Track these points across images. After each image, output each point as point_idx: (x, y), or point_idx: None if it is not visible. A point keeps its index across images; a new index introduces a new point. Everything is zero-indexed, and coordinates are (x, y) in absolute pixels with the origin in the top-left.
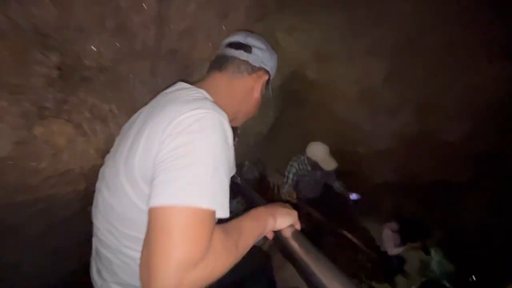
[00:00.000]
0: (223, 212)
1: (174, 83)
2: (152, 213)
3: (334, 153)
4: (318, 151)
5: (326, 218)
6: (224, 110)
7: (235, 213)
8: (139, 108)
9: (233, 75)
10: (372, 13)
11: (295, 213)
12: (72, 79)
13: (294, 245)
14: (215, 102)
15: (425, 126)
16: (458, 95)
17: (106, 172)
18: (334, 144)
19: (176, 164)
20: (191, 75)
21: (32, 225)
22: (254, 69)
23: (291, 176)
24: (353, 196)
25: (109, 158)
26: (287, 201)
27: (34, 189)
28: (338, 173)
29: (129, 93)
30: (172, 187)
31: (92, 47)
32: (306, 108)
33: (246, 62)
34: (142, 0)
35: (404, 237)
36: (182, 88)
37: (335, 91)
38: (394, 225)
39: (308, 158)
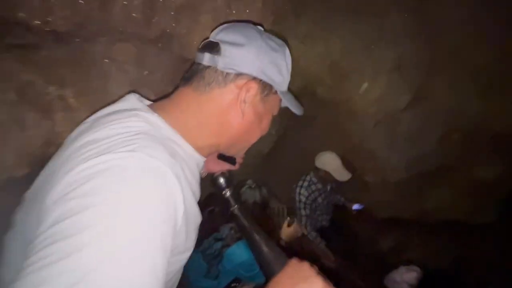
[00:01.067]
0: None
1: (127, 94)
2: None
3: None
4: (330, 160)
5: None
6: (194, 142)
7: (226, 243)
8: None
9: (199, 90)
10: (409, 20)
11: (319, 284)
12: None
13: None
14: (178, 131)
15: (449, 159)
16: (503, 125)
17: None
18: None
19: (50, 250)
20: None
21: None
22: (228, 78)
23: (303, 206)
24: (356, 207)
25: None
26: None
27: None
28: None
29: (100, 81)
30: None
31: None
32: (314, 128)
33: (214, 69)
34: None
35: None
36: (122, 111)
37: (350, 111)
38: (413, 277)
39: (318, 170)
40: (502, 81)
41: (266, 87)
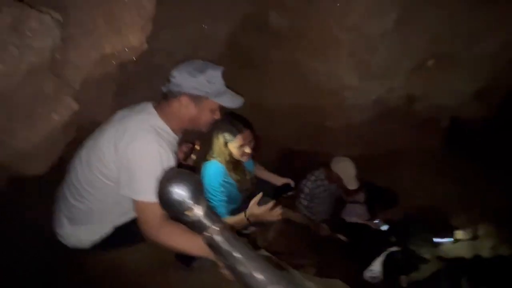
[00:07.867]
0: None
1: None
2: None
3: (296, 128)
4: (347, 168)
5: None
6: (173, 126)
7: None
8: None
9: (167, 103)
10: None
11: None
12: None
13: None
14: (166, 122)
15: (417, 90)
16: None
17: (83, 152)
18: (299, 116)
19: (133, 167)
20: None
21: None
22: (174, 95)
23: (303, 196)
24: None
25: (86, 142)
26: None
27: None
28: None
29: None
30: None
31: None
32: (265, 71)
33: (168, 91)
34: None
35: (371, 208)
36: (141, 112)
37: (314, 46)
38: (361, 196)
39: (330, 170)
40: None
41: (197, 97)
